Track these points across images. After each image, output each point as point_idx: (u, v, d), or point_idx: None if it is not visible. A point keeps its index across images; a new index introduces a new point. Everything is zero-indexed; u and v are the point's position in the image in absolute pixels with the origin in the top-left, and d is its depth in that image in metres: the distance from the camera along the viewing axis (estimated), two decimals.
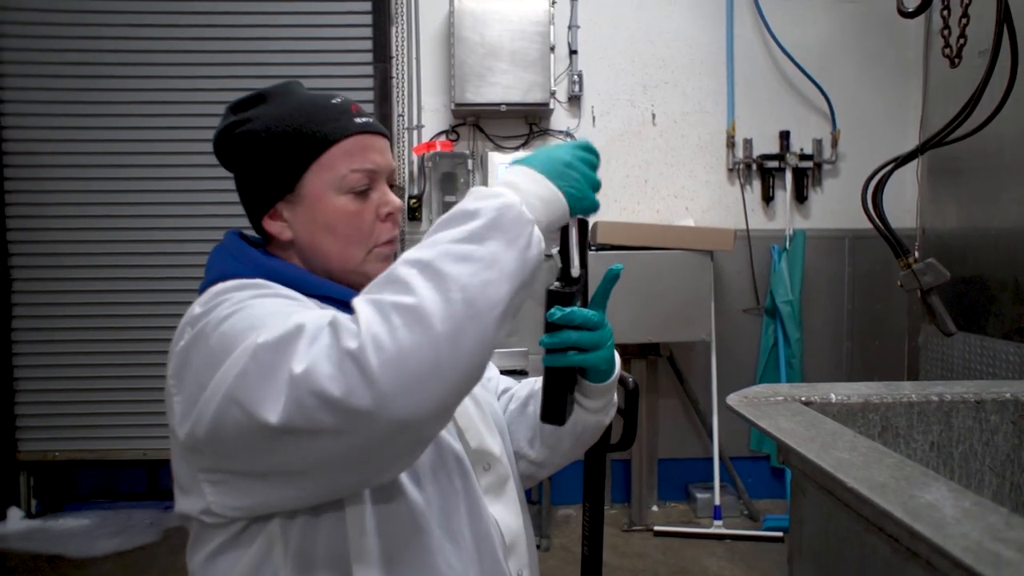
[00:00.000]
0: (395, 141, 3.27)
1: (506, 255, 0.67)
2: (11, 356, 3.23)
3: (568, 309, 0.82)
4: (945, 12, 1.44)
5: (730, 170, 3.42)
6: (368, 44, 3.22)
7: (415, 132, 3.32)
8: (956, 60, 1.44)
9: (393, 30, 3.25)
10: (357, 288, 0.89)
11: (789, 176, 3.36)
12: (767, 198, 3.40)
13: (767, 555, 2.96)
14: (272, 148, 0.85)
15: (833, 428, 0.83)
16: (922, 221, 3.34)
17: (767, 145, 3.38)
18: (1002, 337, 2.65)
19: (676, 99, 3.40)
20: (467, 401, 0.90)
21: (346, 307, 0.83)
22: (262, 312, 0.71)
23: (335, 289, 0.85)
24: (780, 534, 3.04)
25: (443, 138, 3.33)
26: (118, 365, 3.24)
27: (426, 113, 3.34)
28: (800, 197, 3.39)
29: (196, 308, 0.77)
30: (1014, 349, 2.59)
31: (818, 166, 3.38)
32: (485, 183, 3.28)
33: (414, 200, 3.30)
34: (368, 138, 0.88)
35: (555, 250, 0.87)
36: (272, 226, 0.87)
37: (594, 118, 3.39)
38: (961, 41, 1.42)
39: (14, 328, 3.22)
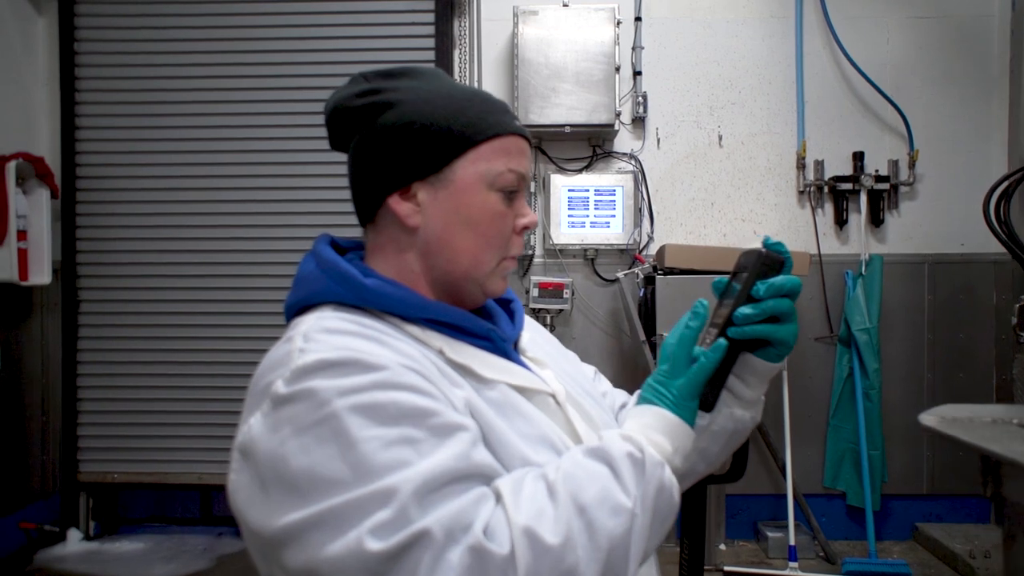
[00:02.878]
0: None
1: (653, 536, 0.68)
2: (75, 376, 3.25)
3: (784, 275, 0.79)
4: None
5: (800, 193, 3.30)
6: (431, 55, 3.21)
7: None
8: None
9: (456, 52, 3.24)
10: (469, 302, 0.83)
11: (864, 199, 3.22)
12: (840, 221, 3.26)
13: None
14: (427, 123, 0.78)
15: None
16: None
17: (839, 167, 3.26)
18: None
19: (743, 120, 3.30)
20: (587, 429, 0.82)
21: (454, 329, 0.77)
22: (365, 458, 0.62)
23: (446, 312, 0.78)
24: None
25: None
26: (177, 387, 3.24)
27: None
28: (876, 221, 3.24)
29: (279, 382, 0.67)
30: None
31: (894, 188, 3.24)
32: (547, 206, 3.23)
33: None
34: (522, 142, 0.83)
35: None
36: (401, 206, 0.79)
37: (659, 140, 3.31)
38: None
39: (80, 349, 3.25)
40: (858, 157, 3.23)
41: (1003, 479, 0.79)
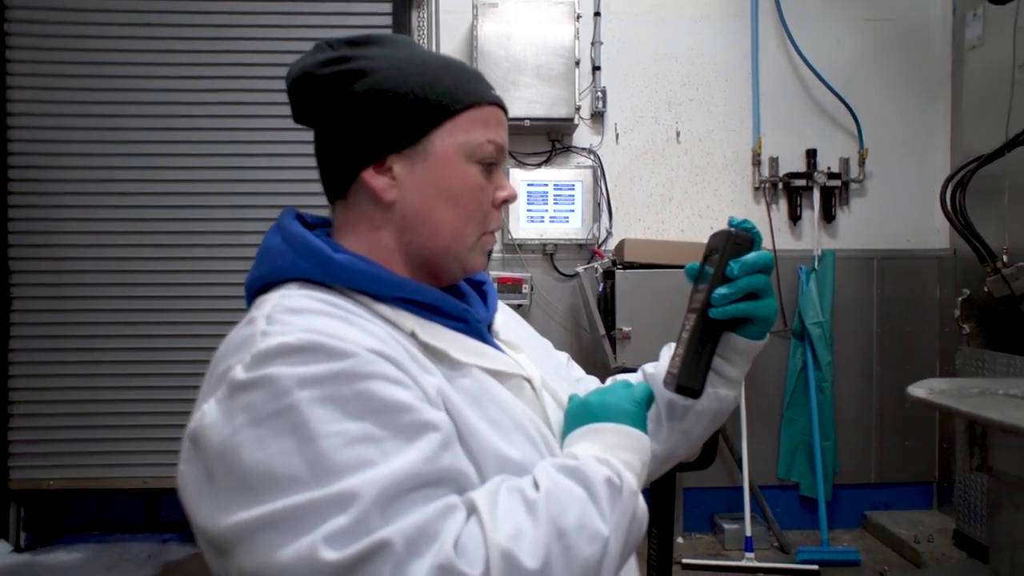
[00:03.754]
0: None
1: (621, 564, 0.65)
2: (7, 378, 3.06)
3: (755, 252, 0.78)
4: None
5: (756, 189, 3.35)
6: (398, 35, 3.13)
7: None
8: None
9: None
10: (447, 279, 0.79)
11: (817, 195, 3.29)
12: (794, 217, 3.33)
13: None
14: (402, 92, 0.73)
15: None
16: (954, 242, 3.28)
17: (793, 164, 3.32)
18: None
19: (701, 117, 3.34)
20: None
21: (428, 309, 0.72)
22: (325, 456, 0.56)
23: (420, 291, 0.74)
24: (816, 567, 2.91)
25: None
26: (120, 387, 3.08)
27: None
28: (828, 217, 3.32)
29: (238, 368, 0.61)
30: None
31: (845, 185, 3.32)
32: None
33: None
34: (500, 112, 0.79)
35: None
36: (376, 180, 0.74)
37: (617, 135, 3.32)
38: None
39: (11, 349, 3.06)
40: (811, 154, 3.30)
41: (989, 449, 0.80)
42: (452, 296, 0.78)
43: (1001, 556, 0.81)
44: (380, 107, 0.73)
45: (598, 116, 3.28)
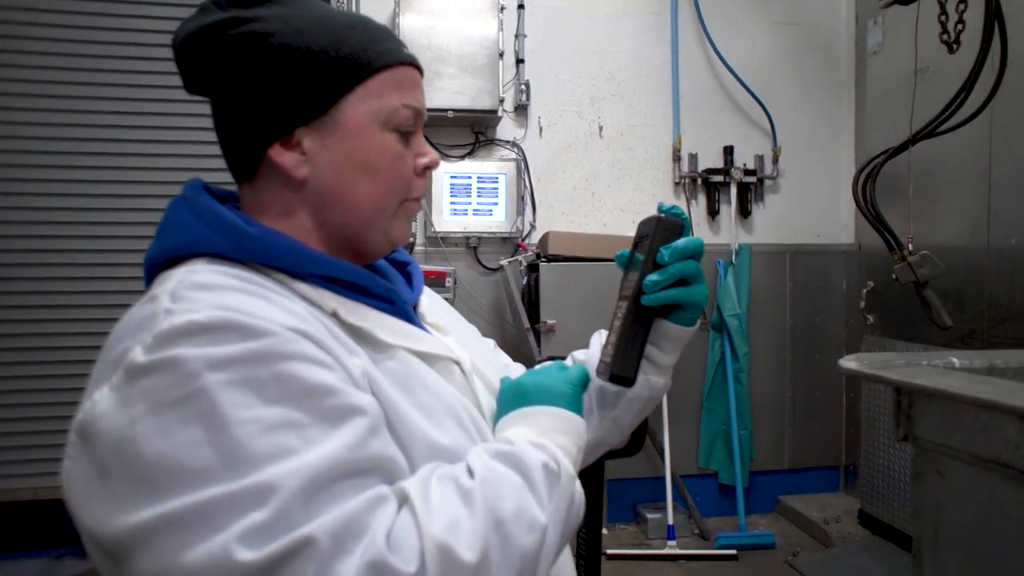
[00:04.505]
0: None
1: (559, 551, 0.63)
2: None
3: (685, 238, 0.77)
4: None
5: (676, 184, 3.42)
6: None
7: None
8: (955, 46, 1.42)
9: None
10: (372, 255, 0.74)
11: (734, 191, 3.39)
12: (712, 212, 3.42)
13: (722, 573, 2.90)
14: (304, 58, 0.66)
15: (1008, 385, 0.74)
16: (859, 237, 3.44)
17: (712, 160, 3.41)
18: (944, 346, 2.71)
19: (623, 112, 3.37)
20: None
21: (350, 288, 0.67)
22: (239, 445, 0.51)
23: (342, 268, 0.68)
24: (734, 552, 3.00)
25: None
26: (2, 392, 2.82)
27: None
28: (744, 212, 3.42)
29: (137, 349, 0.54)
30: (955, 356, 2.65)
31: (760, 181, 3.43)
32: (428, 193, 3.14)
33: None
34: (415, 72, 0.73)
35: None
36: (284, 157, 0.68)
37: (541, 128, 3.31)
38: (960, 27, 1.40)
39: None
40: (728, 151, 3.39)
41: (914, 419, 0.83)
42: (376, 276, 0.73)
43: (925, 521, 0.83)
44: (282, 75, 0.66)
45: (522, 109, 3.27)
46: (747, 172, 3.39)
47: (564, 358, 0.99)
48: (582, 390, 0.73)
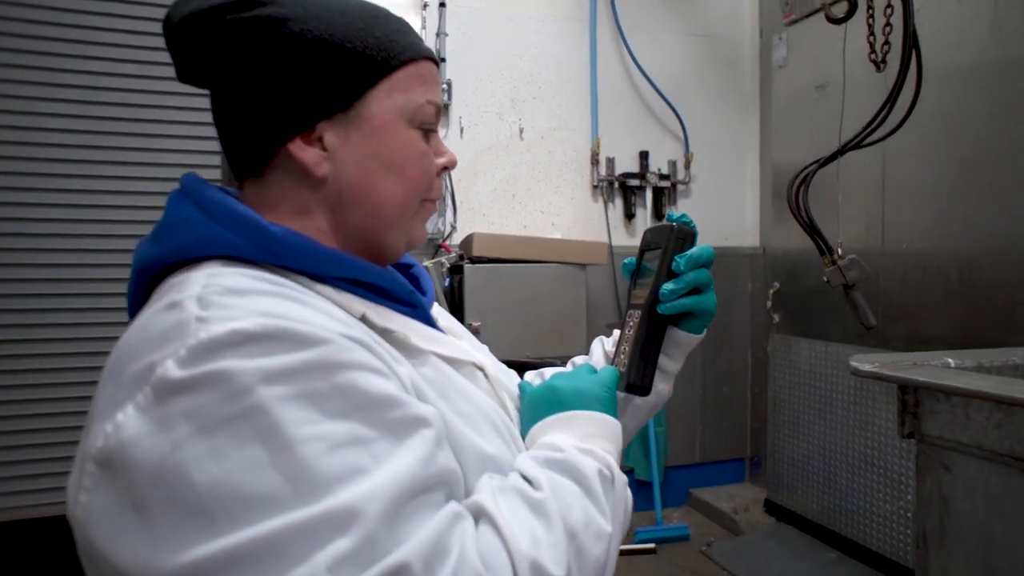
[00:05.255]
0: None
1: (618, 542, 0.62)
2: None
3: (699, 246, 0.78)
4: (870, 20, 1.52)
5: (594, 187, 3.48)
6: None
7: None
8: (882, 65, 1.52)
9: None
10: (389, 257, 0.70)
11: (649, 195, 3.50)
12: (628, 215, 3.51)
13: (640, 567, 2.98)
14: (327, 47, 0.61)
15: (1017, 382, 0.80)
16: (764, 240, 3.64)
17: (628, 164, 3.50)
18: (844, 342, 2.91)
19: (543, 115, 3.40)
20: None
21: (372, 290, 0.64)
22: (308, 466, 0.46)
23: (367, 270, 0.63)
24: (652, 546, 3.09)
25: None
26: None
27: None
28: (659, 215, 3.53)
29: (168, 364, 0.48)
30: (855, 352, 2.86)
31: (674, 186, 3.56)
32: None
33: None
34: (435, 68, 0.69)
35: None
36: (305, 153, 0.62)
37: (462, 129, 3.28)
38: (886, 47, 1.50)
39: None
40: (644, 156, 3.50)
41: (920, 416, 0.88)
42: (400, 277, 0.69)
43: (930, 514, 0.89)
44: (303, 66, 0.61)
45: (443, 109, 3.23)
46: (662, 177, 3.50)
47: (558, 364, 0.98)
48: (615, 392, 0.72)
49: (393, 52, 0.64)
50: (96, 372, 0.54)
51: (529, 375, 0.92)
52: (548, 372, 0.94)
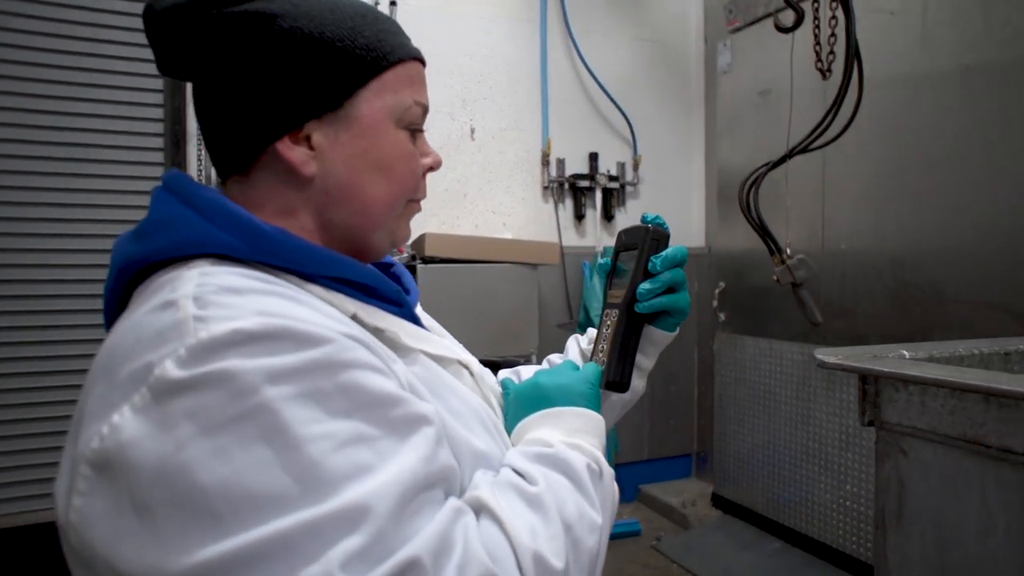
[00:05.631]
0: (187, 139, 2.83)
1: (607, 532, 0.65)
2: None
3: (673, 247, 0.80)
4: (816, 30, 1.59)
5: (545, 188, 3.51)
6: None
7: None
8: (827, 73, 1.59)
9: None
10: (373, 256, 0.70)
11: (599, 196, 3.55)
12: (579, 216, 3.55)
13: None
14: (317, 46, 0.61)
15: (968, 371, 0.87)
16: (710, 241, 3.74)
17: (578, 166, 3.54)
18: (787, 339, 3.02)
19: (494, 115, 3.42)
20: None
21: (360, 289, 0.64)
22: (315, 464, 0.46)
23: (357, 269, 0.64)
24: None
25: None
26: None
27: None
28: (608, 216, 3.59)
29: (167, 364, 0.48)
30: (798, 348, 2.97)
31: (623, 188, 3.62)
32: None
33: None
34: (422, 68, 0.70)
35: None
36: (293, 152, 0.62)
37: None
38: (831, 57, 1.57)
39: None
40: (593, 157, 3.55)
41: (880, 405, 0.93)
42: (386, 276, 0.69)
43: (888, 494, 0.94)
44: (293, 63, 0.60)
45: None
46: (611, 178, 3.56)
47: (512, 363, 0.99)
48: (599, 389, 0.74)
49: (383, 52, 0.64)
50: (76, 376, 0.52)
51: (504, 373, 0.93)
52: (524, 371, 0.95)
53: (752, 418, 3.20)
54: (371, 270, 0.66)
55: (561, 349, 0.98)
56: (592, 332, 0.96)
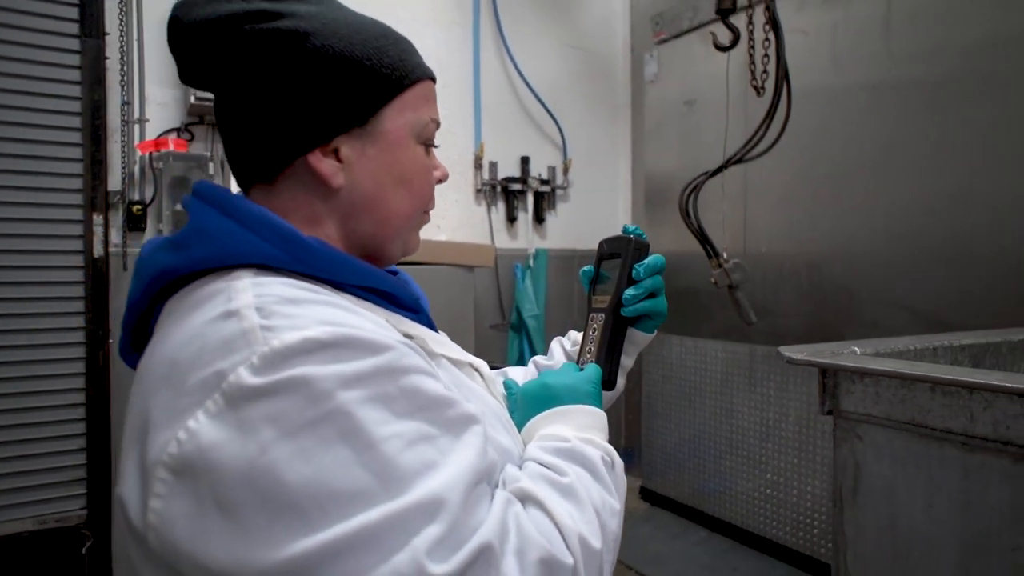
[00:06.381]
0: (108, 135, 2.70)
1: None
2: None
3: (653, 255, 0.87)
4: (751, 50, 1.70)
5: (478, 191, 3.55)
6: (75, 13, 2.63)
7: (136, 127, 2.80)
8: (761, 90, 1.71)
9: (107, 2, 2.71)
10: (383, 264, 0.75)
11: (530, 199, 3.62)
12: (511, 219, 3.61)
13: None
14: (348, 64, 0.64)
15: (916, 364, 0.98)
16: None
17: (510, 169, 3.60)
18: (711, 338, 3.18)
19: None
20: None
21: (384, 297, 0.68)
22: (391, 462, 0.50)
23: (383, 279, 0.67)
24: None
25: (174, 136, 2.86)
26: None
27: (151, 107, 2.84)
28: (539, 219, 3.67)
29: (242, 371, 0.50)
30: (721, 347, 3.13)
31: (553, 191, 3.71)
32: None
33: (138, 208, 2.77)
34: (434, 87, 0.75)
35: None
36: (323, 164, 0.65)
37: None
38: (764, 75, 1.69)
39: None
40: (525, 161, 3.61)
41: (839, 396, 1.03)
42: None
43: (845, 474, 1.03)
44: (325, 80, 0.64)
45: None
46: (542, 182, 3.64)
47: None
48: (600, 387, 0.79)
49: (404, 72, 0.69)
50: (49, 383, 0.53)
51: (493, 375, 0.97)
52: (511, 372, 0.99)
53: (678, 413, 3.35)
54: (393, 279, 0.69)
55: (495, 350, 1.03)
56: (574, 335, 1.02)
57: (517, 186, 3.58)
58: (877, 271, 2.53)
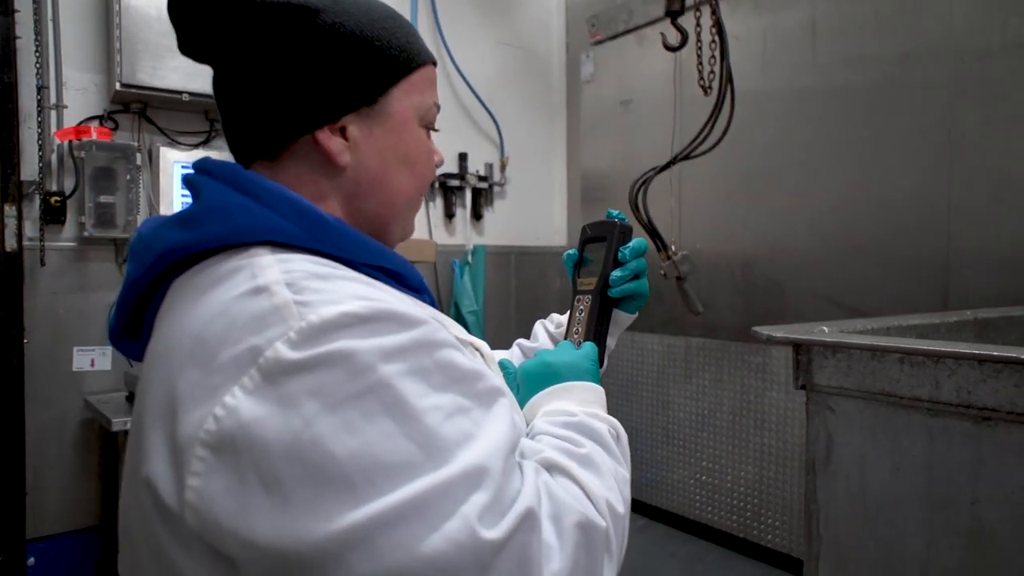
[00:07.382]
0: (21, 120, 2.54)
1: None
2: None
3: (636, 239, 0.90)
4: (699, 52, 1.77)
5: None
6: None
7: (53, 112, 2.64)
8: (708, 90, 1.78)
9: None
10: (386, 242, 0.75)
11: (468, 195, 3.63)
12: (449, 215, 3.61)
13: None
14: (358, 43, 0.64)
15: (887, 339, 1.05)
16: (571, 240, 3.94)
17: (449, 165, 3.59)
18: (648, 332, 3.27)
19: None
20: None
21: (393, 277, 0.69)
22: (434, 433, 0.50)
23: (393, 258, 0.67)
24: None
25: (96, 124, 2.71)
26: None
27: (69, 92, 2.68)
28: (477, 215, 3.68)
29: (279, 346, 0.49)
30: (657, 339, 3.23)
31: (491, 188, 3.72)
32: (156, 183, 2.80)
33: (56, 199, 2.61)
34: (435, 72, 0.75)
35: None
36: (331, 143, 0.65)
37: None
38: (711, 75, 1.76)
39: None
40: (463, 158, 3.62)
41: (813, 370, 1.10)
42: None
43: (818, 445, 1.09)
44: (335, 58, 0.63)
45: None
46: (480, 178, 3.65)
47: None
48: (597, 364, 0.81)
49: (411, 54, 0.69)
50: None
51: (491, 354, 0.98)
52: (497, 355, 1.00)
53: (616, 405, 3.43)
54: (401, 259, 0.69)
55: None
56: (556, 317, 1.04)
57: (455, 182, 3.58)
58: (802, 266, 2.67)
